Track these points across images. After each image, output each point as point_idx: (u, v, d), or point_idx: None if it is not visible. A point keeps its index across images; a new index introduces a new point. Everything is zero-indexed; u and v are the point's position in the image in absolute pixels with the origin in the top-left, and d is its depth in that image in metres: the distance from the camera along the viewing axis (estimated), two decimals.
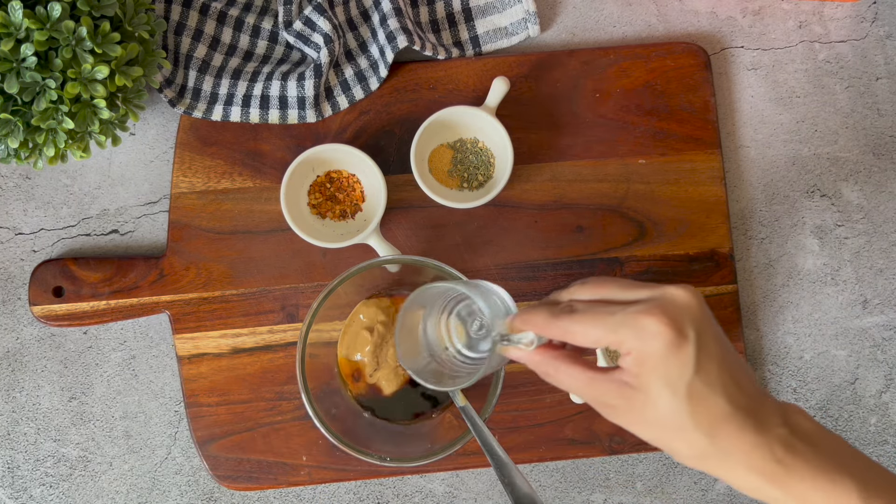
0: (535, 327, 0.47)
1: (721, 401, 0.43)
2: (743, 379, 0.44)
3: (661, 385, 0.43)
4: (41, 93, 0.57)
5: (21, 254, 0.71)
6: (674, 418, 0.43)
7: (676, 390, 0.43)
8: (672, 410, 0.43)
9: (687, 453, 0.44)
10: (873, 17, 0.74)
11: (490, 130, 0.68)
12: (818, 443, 0.44)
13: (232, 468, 0.68)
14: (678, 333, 0.42)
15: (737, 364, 0.44)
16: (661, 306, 0.43)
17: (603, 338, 0.44)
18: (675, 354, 0.43)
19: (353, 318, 0.66)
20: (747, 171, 0.73)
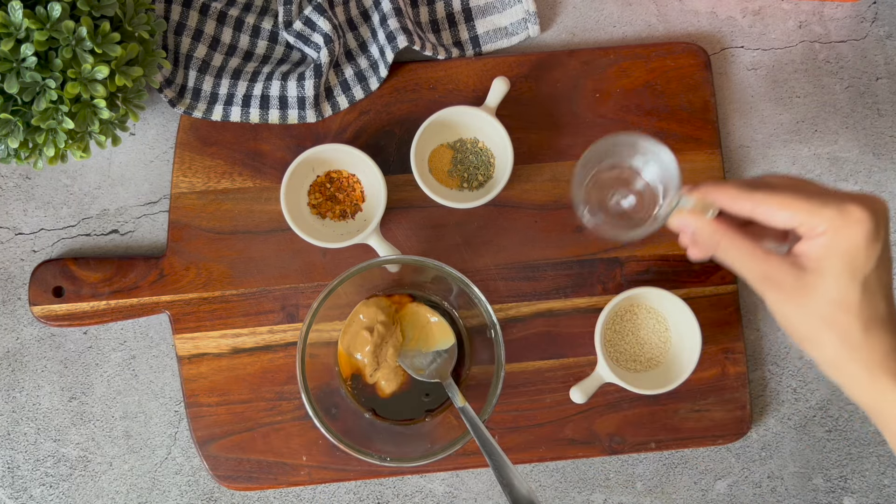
0: (724, 196, 0.49)
1: (883, 304, 0.47)
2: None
3: (844, 269, 0.46)
4: (41, 93, 0.57)
5: (21, 254, 0.71)
6: (842, 304, 0.46)
7: (855, 277, 0.46)
8: (844, 295, 0.46)
9: (835, 346, 0.47)
10: (873, 17, 0.74)
11: (490, 130, 0.68)
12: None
13: (232, 468, 0.68)
14: (876, 228, 0.46)
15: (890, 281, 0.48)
16: (867, 201, 0.47)
17: (801, 214, 0.47)
18: (869, 245, 0.46)
19: (353, 318, 0.66)
20: (747, 171, 0.73)
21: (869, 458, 0.71)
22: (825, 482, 0.71)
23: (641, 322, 0.68)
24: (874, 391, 0.47)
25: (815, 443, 0.71)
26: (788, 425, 0.71)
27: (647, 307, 0.68)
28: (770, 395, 0.71)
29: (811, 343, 0.48)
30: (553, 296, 0.70)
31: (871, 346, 0.47)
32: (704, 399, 0.69)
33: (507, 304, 0.70)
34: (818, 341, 0.48)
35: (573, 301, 0.70)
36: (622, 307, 0.68)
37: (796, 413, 0.71)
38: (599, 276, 0.70)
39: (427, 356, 0.63)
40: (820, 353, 0.48)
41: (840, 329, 0.47)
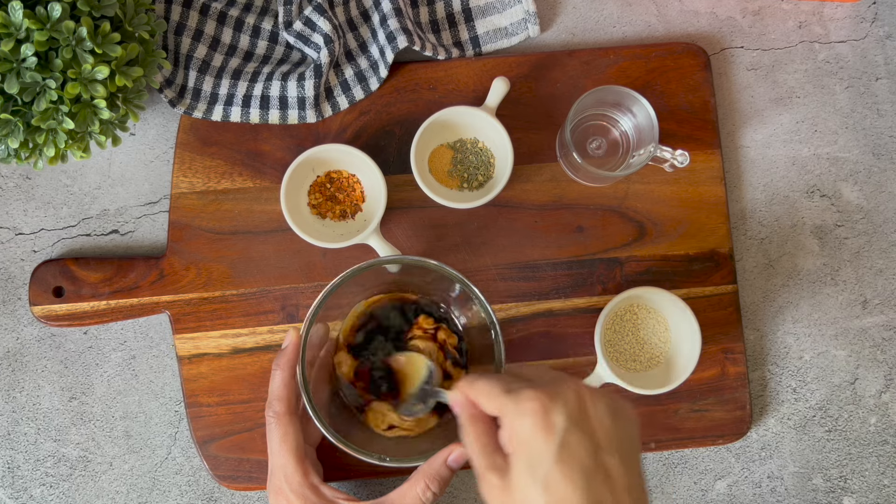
0: (459, 386, 0.49)
1: (580, 502, 0.42)
2: (624, 497, 0.42)
3: (523, 465, 0.43)
4: (41, 93, 0.57)
5: (21, 254, 0.71)
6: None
7: (535, 475, 0.43)
8: (530, 496, 0.43)
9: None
10: (873, 17, 0.74)
11: (490, 130, 0.68)
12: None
13: (232, 468, 0.68)
14: (546, 419, 0.43)
15: (624, 480, 0.43)
16: (546, 391, 0.44)
17: (491, 405, 0.46)
18: (540, 437, 0.43)
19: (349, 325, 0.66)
20: (747, 171, 0.73)
21: (869, 458, 0.71)
22: (825, 482, 0.71)
23: (641, 322, 0.68)
24: None
25: (815, 443, 0.71)
26: (788, 425, 0.71)
27: (647, 307, 0.68)
28: (770, 395, 0.71)
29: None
30: (553, 296, 0.70)
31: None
32: (704, 399, 0.69)
33: (507, 304, 0.70)
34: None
35: (573, 301, 0.70)
36: (622, 307, 0.68)
37: (796, 413, 0.71)
38: (599, 276, 0.70)
39: (416, 397, 0.62)
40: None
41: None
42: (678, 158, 0.64)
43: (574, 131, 0.70)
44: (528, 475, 0.43)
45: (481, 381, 0.48)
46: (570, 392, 0.44)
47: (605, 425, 0.44)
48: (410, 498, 0.56)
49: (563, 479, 0.42)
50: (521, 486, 0.43)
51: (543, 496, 0.42)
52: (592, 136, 0.71)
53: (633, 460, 0.44)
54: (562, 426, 0.43)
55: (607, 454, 0.43)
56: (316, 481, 0.58)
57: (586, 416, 0.44)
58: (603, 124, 0.70)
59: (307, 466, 0.59)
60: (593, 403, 0.44)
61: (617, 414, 0.45)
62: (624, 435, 0.45)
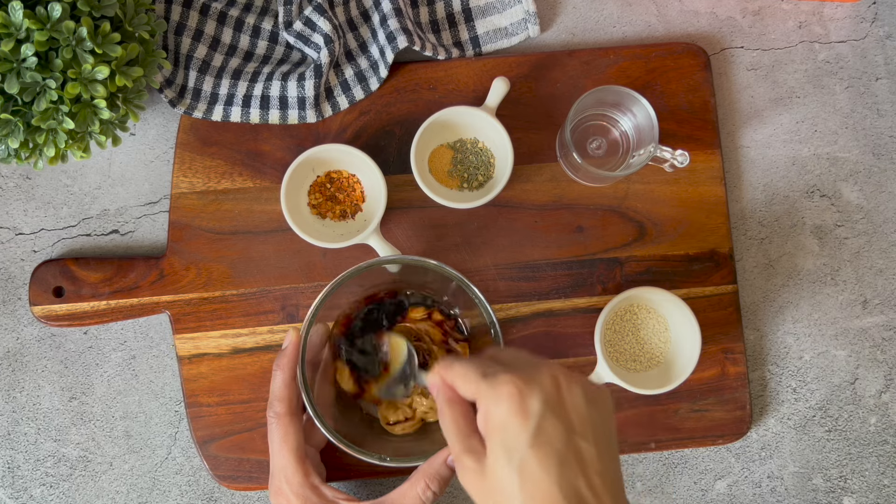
0: (436, 369, 0.49)
1: (554, 487, 0.42)
2: (597, 482, 0.43)
3: (498, 449, 0.43)
4: (41, 93, 0.57)
5: (21, 254, 0.71)
6: (505, 491, 0.43)
7: (511, 459, 0.43)
8: (504, 480, 0.43)
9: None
10: (873, 17, 0.74)
11: (490, 130, 0.68)
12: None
13: (232, 468, 0.68)
14: (521, 404, 0.43)
15: (598, 465, 0.43)
16: (522, 376, 0.44)
17: (468, 388, 0.46)
18: (515, 422, 0.43)
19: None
20: (747, 171, 0.73)
21: (869, 458, 0.71)
22: (825, 482, 0.71)
23: (641, 322, 0.68)
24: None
25: (815, 443, 0.71)
26: (788, 425, 0.71)
27: (647, 307, 0.68)
28: (770, 395, 0.71)
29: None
30: (553, 296, 0.70)
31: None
32: (704, 399, 0.69)
33: (507, 304, 0.70)
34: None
35: (573, 301, 0.70)
36: (622, 307, 0.68)
37: (796, 413, 0.71)
38: (599, 276, 0.70)
39: (396, 379, 0.62)
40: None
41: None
42: (678, 158, 0.65)
43: (574, 131, 0.70)
44: (504, 459, 0.43)
45: (458, 364, 0.48)
46: (546, 377, 0.44)
47: (579, 410, 0.44)
48: (410, 497, 0.56)
49: (537, 465, 0.42)
50: (496, 470, 0.43)
51: (518, 481, 0.42)
52: (592, 136, 0.71)
53: (607, 445, 0.45)
54: (537, 411, 0.43)
55: (581, 439, 0.43)
56: (316, 482, 0.58)
57: (562, 401, 0.44)
58: (603, 124, 0.70)
59: (308, 467, 0.59)
60: (569, 388, 0.45)
61: (592, 399, 0.45)
62: (598, 420, 0.45)
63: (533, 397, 0.43)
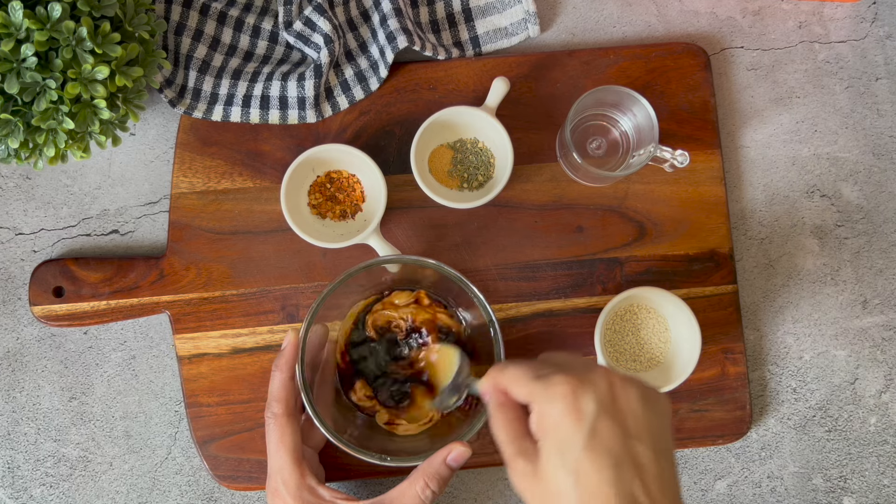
0: (489, 374, 0.49)
1: (610, 490, 0.41)
2: (653, 486, 0.42)
3: (553, 450, 0.43)
4: (41, 93, 0.57)
5: (21, 254, 0.71)
6: (560, 492, 0.42)
7: (565, 461, 0.42)
8: (559, 483, 0.42)
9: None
10: (873, 17, 0.74)
11: (490, 130, 0.68)
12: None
13: (232, 468, 0.68)
14: (575, 404, 0.43)
15: (654, 468, 0.43)
16: (576, 376, 0.44)
17: (521, 391, 0.46)
18: (569, 423, 0.43)
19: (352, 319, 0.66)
20: (747, 171, 0.73)
21: (869, 458, 0.71)
22: (825, 482, 0.71)
23: (641, 322, 0.68)
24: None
25: (815, 443, 0.71)
26: (788, 425, 0.71)
27: (647, 307, 0.68)
28: (770, 395, 0.71)
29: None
30: (553, 296, 0.70)
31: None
32: (704, 399, 0.69)
33: (507, 305, 0.70)
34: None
35: (573, 301, 0.70)
36: (622, 307, 0.68)
37: (796, 413, 0.71)
38: (599, 277, 0.70)
39: (450, 389, 0.62)
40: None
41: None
42: (678, 158, 0.65)
43: (574, 131, 0.70)
44: (559, 461, 0.43)
45: (511, 367, 0.48)
46: (600, 378, 0.44)
47: (635, 412, 0.44)
48: (410, 496, 0.56)
49: (592, 467, 0.42)
50: (550, 471, 0.43)
51: (573, 483, 0.42)
52: (592, 136, 0.71)
53: (664, 448, 0.44)
54: (591, 412, 0.43)
55: (637, 441, 0.43)
56: (313, 483, 0.58)
57: (616, 402, 0.44)
58: (603, 124, 0.71)
59: (304, 468, 0.59)
60: (624, 390, 0.44)
61: (648, 401, 0.45)
62: (654, 423, 0.44)
63: (587, 398, 0.43)
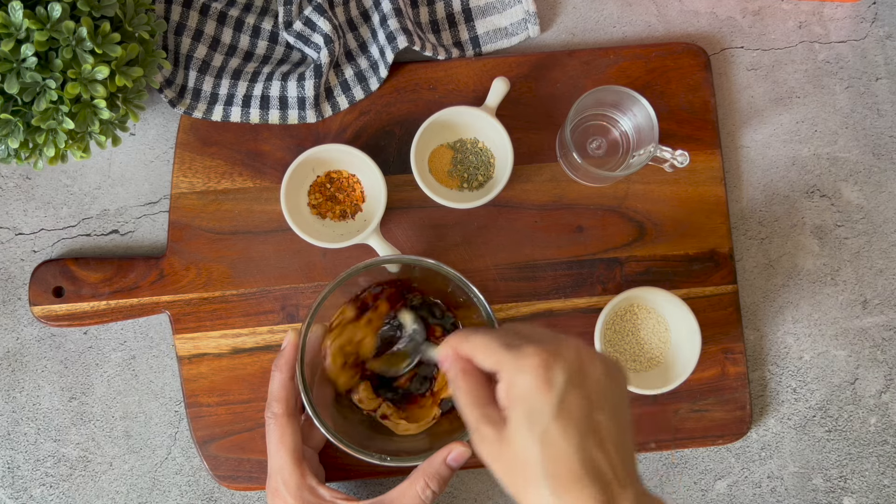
0: (449, 341, 0.50)
1: (575, 457, 0.43)
2: (613, 453, 0.44)
3: (521, 419, 0.44)
4: (41, 93, 0.57)
5: (21, 254, 0.71)
6: (527, 460, 0.43)
7: (533, 428, 0.43)
8: (526, 450, 0.43)
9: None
10: (873, 17, 0.74)
11: (490, 130, 0.68)
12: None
13: (232, 468, 0.68)
14: (546, 375, 0.44)
15: (614, 436, 0.44)
16: (547, 349, 0.45)
17: (489, 359, 0.46)
18: (539, 393, 0.44)
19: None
20: (747, 171, 0.73)
21: (869, 458, 0.71)
22: (825, 482, 0.71)
23: (641, 322, 0.68)
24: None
25: (815, 443, 0.71)
26: (788, 425, 0.71)
27: (647, 307, 0.68)
28: (770, 395, 0.71)
29: (524, 500, 0.45)
30: (553, 296, 0.70)
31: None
32: (704, 399, 0.69)
33: (507, 305, 0.70)
34: (527, 499, 0.44)
35: (573, 301, 0.70)
36: (622, 307, 0.68)
37: (796, 413, 0.71)
38: (599, 277, 0.70)
39: (402, 355, 0.62)
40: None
41: (534, 492, 0.43)
42: (678, 158, 0.65)
43: (574, 131, 0.70)
44: (526, 429, 0.44)
45: (478, 335, 0.48)
46: (570, 350, 0.45)
47: (600, 384, 0.45)
48: (410, 496, 0.56)
49: (560, 435, 0.43)
50: (518, 438, 0.44)
51: (540, 450, 0.43)
52: (592, 136, 0.71)
53: (622, 417, 0.46)
54: (561, 383, 0.44)
55: (600, 411, 0.44)
56: (313, 483, 0.58)
57: (584, 374, 0.45)
58: (603, 124, 0.71)
59: (305, 468, 0.59)
60: (591, 362, 0.45)
61: (611, 374, 0.46)
62: (616, 394, 0.46)
63: (557, 369, 0.44)
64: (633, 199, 0.70)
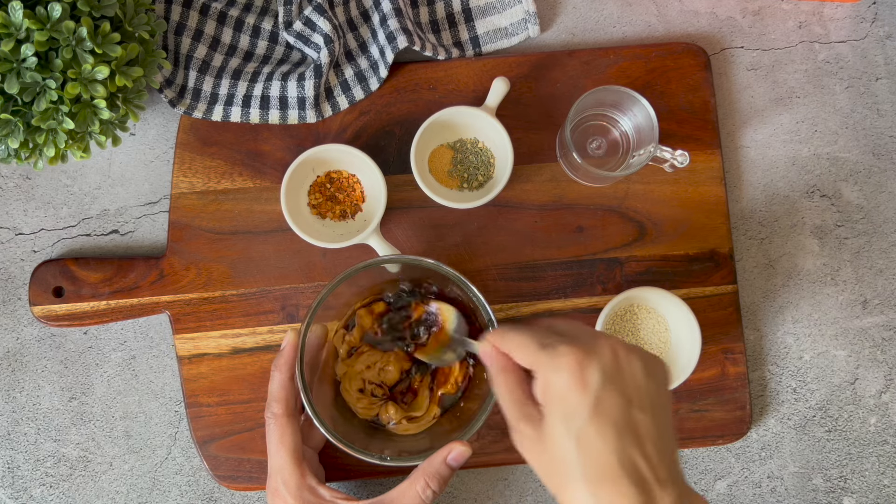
0: (488, 337, 0.50)
1: (612, 457, 0.42)
2: (652, 452, 0.43)
3: (557, 418, 0.44)
4: (41, 93, 0.57)
5: (21, 254, 0.71)
6: (564, 459, 0.43)
7: (570, 428, 0.43)
8: (563, 449, 0.43)
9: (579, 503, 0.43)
10: (873, 17, 0.74)
11: (490, 130, 0.68)
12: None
13: (232, 468, 0.68)
14: (581, 375, 0.44)
15: (653, 435, 0.44)
16: (582, 347, 0.45)
17: (525, 358, 0.46)
18: (575, 393, 0.44)
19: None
20: (747, 171, 0.73)
21: (869, 458, 0.71)
22: (825, 482, 0.71)
23: (641, 322, 0.68)
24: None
25: (815, 443, 0.71)
26: (788, 425, 0.71)
27: (647, 307, 0.68)
28: (770, 395, 0.71)
29: (562, 499, 0.44)
30: (553, 296, 0.70)
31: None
32: (704, 399, 0.69)
33: (507, 305, 0.70)
34: (565, 498, 0.44)
35: (573, 301, 0.70)
36: (622, 307, 0.68)
37: (796, 413, 0.71)
38: (599, 277, 0.70)
39: (446, 346, 0.62)
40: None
41: (573, 491, 0.43)
42: (678, 158, 0.65)
43: (574, 131, 0.70)
44: (563, 429, 0.43)
45: (513, 332, 0.48)
46: (605, 348, 0.45)
47: (637, 382, 0.45)
48: (410, 496, 0.57)
49: (596, 435, 0.43)
50: (555, 437, 0.44)
51: (577, 450, 0.43)
52: (592, 136, 0.71)
53: (663, 416, 0.45)
54: (597, 382, 0.44)
55: (638, 410, 0.44)
56: (313, 483, 0.58)
57: (620, 372, 0.45)
58: (603, 124, 0.71)
59: (305, 468, 0.59)
60: (627, 360, 0.45)
61: (649, 370, 0.46)
62: (655, 391, 0.45)
63: (592, 368, 0.44)
64: (633, 199, 0.70)
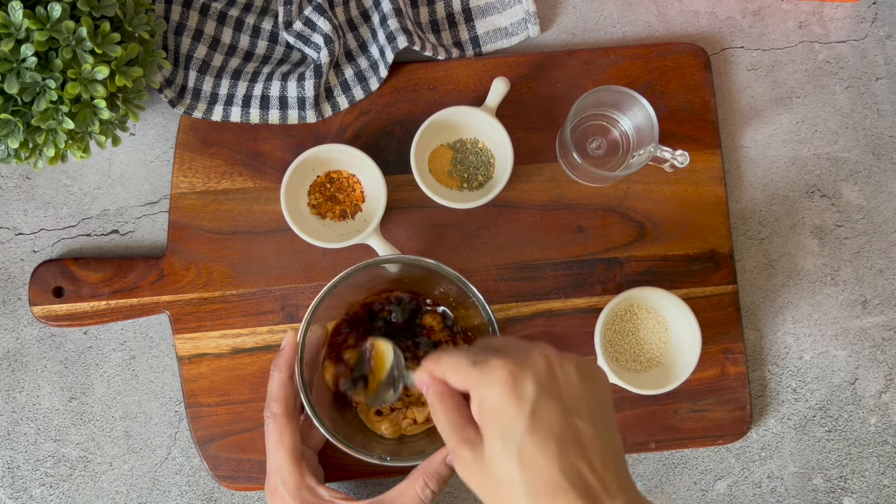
0: (424, 365, 0.48)
1: (556, 471, 0.41)
2: (597, 461, 0.42)
3: (496, 436, 0.42)
4: (41, 93, 0.57)
5: (21, 254, 0.71)
6: (507, 479, 0.42)
7: (509, 446, 0.42)
8: (504, 469, 0.42)
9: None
10: (873, 17, 0.74)
11: (490, 130, 0.68)
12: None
13: (232, 468, 0.68)
14: (514, 387, 0.42)
15: (597, 443, 0.42)
16: (513, 359, 0.43)
17: (458, 377, 0.45)
18: (510, 406, 0.42)
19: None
20: (747, 171, 0.73)
21: (869, 458, 0.71)
22: (825, 482, 0.71)
23: (641, 322, 0.68)
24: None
25: (815, 443, 0.71)
26: (788, 425, 0.71)
27: (647, 307, 0.68)
28: (770, 395, 0.71)
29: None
30: (553, 296, 0.70)
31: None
32: (704, 399, 0.69)
33: (507, 305, 0.70)
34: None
35: (573, 301, 0.70)
36: (622, 307, 0.68)
37: (796, 413, 0.71)
38: (599, 277, 0.70)
39: (385, 384, 0.60)
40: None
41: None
42: (678, 158, 0.64)
43: (574, 131, 0.70)
44: (502, 446, 0.42)
45: (446, 355, 0.47)
46: (538, 358, 0.43)
47: (574, 389, 0.43)
48: (409, 496, 0.56)
49: (537, 449, 0.41)
50: (494, 457, 0.42)
51: (519, 467, 0.41)
52: (592, 136, 0.71)
53: (605, 422, 0.44)
54: (532, 393, 0.42)
55: (578, 419, 0.42)
56: (312, 482, 0.58)
57: (555, 381, 0.43)
58: (603, 124, 0.71)
59: (304, 468, 0.59)
60: (561, 367, 0.44)
61: (586, 377, 0.44)
62: (593, 397, 0.44)
63: (526, 380, 0.42)
64: (633, 199, 0.70)
